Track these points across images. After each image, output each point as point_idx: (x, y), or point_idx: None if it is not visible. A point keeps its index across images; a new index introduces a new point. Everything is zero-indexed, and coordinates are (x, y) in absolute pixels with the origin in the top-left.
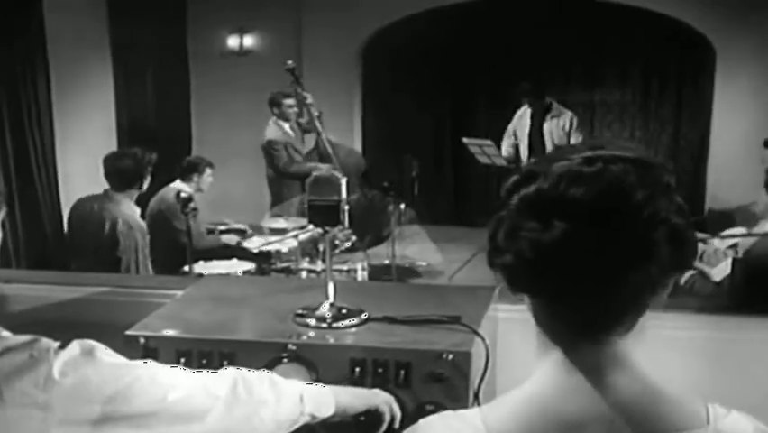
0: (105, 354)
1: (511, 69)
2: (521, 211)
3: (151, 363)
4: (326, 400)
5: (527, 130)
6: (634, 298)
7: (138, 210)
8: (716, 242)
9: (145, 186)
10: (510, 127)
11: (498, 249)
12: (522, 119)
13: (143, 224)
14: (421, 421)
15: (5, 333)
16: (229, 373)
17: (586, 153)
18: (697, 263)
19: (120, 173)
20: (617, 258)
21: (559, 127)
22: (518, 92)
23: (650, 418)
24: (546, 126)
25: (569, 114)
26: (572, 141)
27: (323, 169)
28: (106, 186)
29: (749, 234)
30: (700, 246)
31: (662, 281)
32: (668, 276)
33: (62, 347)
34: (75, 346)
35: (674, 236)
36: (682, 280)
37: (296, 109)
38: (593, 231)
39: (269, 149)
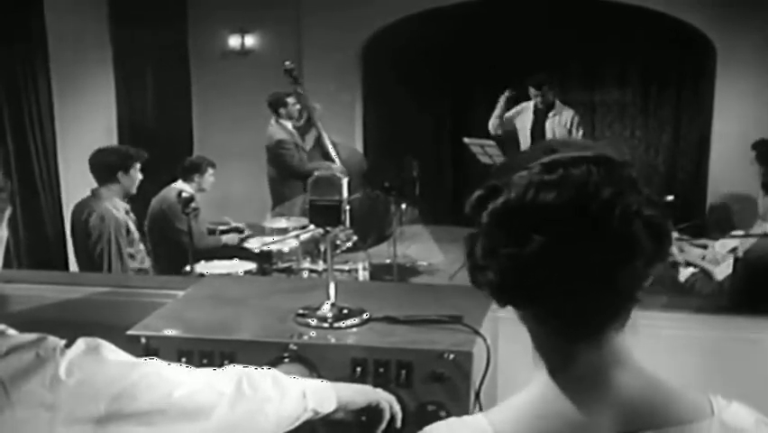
0: (110, 351)
1: (511, 68)
2: (494, 227)
3: (156, 361)
4: (328, 395)
5: (529, 126)
6: (622, 294)
7: (124, 205)
8: (717, 246)
9: (124, 181)
10: (507, 115)
11: (478, 267)
12: (524, 114)
13: (122, 217)
14: (426, 428)
15: (11, 331)
16: (233, 370)
17: (543, 159)
18: (700, 262)
19: (98, 166)
20: (599, 259)
21: (561, 125)
22: (532, 80)
23: (656, 411)
24: (549, 123)
25: (571, 112)
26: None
27: (333, 167)
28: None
29: (747, 236)
30: (702, 250)
31: (647, 274)
32: (651, 267)
33: (68, 346)
34: (80, 344)
35: (650, 228)
36: (683, 279)
37: (298, 107)
38: (570, 237)
39: (278, 149)
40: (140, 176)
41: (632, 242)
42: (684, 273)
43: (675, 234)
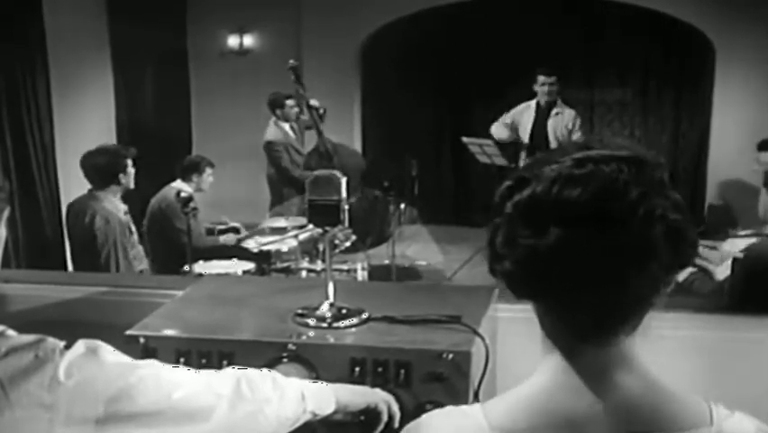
0: (109, 353)
1: (511, 68)
2: (516, 217)
3: (155, 363)
4: (327, 397)
5: (530, 125)
6: (637, 297)
7: (123, 207)
8: (725, 246)
9: (125, 181)
10: (510, 115)
11: (497, 256)
12: (525, 113)
13: (125, 219)
14: (423, 416)
15: (11, 332)
16: (232, 372)
17: (576, 155)
18: (700, 261)
19: (94, 170)
20: (617, 259)
21: (562, 125)
22: (543, 69)
23: (654, 417)
24: (551, 123)
25: (572, 112)
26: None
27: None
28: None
29: (755, 235)
30: (708, 251)
31: (665, 279)
32: (670, 273)
33: (68, 347)
34: (80, 346)
35: (672, 233)
36: (682, 278)
37: (296, 109)
38: (589, 234)
39: (268, 150)
40: (133, 170)
41: (650, 245)
42: (683, 273)
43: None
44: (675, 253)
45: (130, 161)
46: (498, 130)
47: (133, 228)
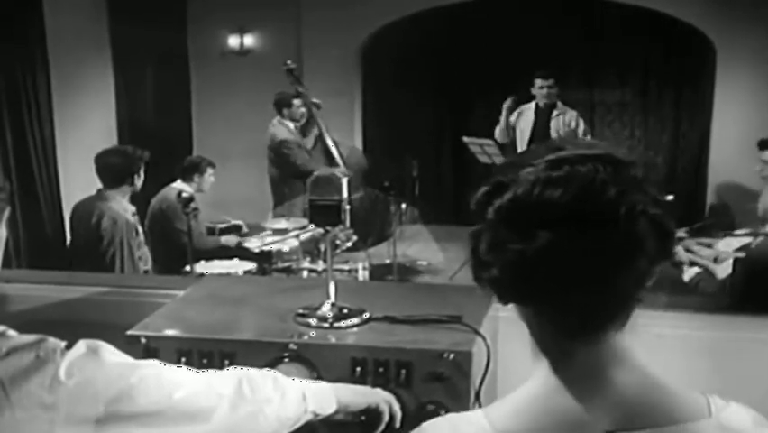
0: (110, 353)
1: (511, 68)
2: (499, 223)
3: (156, 363)
4: (328, 397)
5: (530, 127)
6: (625, 293)
7: (131, 208)
8: (720, 245)
9: (137, 183)
10: (508, 121)
11: (482, 263)
12: (524, 115)
13: (132, 220)
14: (425, 424)
15: (11, 332)
16: (233, 372)
17: (549, 157)
18: (703, 261)
19: (109, 169)
20: (604, 257)
21: (566, 125)
22: (541, 72)
23: (654, 410)
24: (553, 124)
25: (573, 112)
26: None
27: (337, 171)
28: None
29: (753, 234)
30: (707, 250)
31: (650, 273)
32: (654, 267)
33: (69, 347)
34: (81, 346)
35: (655, 227)
36: (688, 278)
37: (303, 110)
38: (575, 235)
39: (281, 149)
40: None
41: (636, 241)
42: (689, 273)
43: (683, 234)
44: (660, 247)
45: (143, 165)
46: (502, 136)
47: (140, 229)
